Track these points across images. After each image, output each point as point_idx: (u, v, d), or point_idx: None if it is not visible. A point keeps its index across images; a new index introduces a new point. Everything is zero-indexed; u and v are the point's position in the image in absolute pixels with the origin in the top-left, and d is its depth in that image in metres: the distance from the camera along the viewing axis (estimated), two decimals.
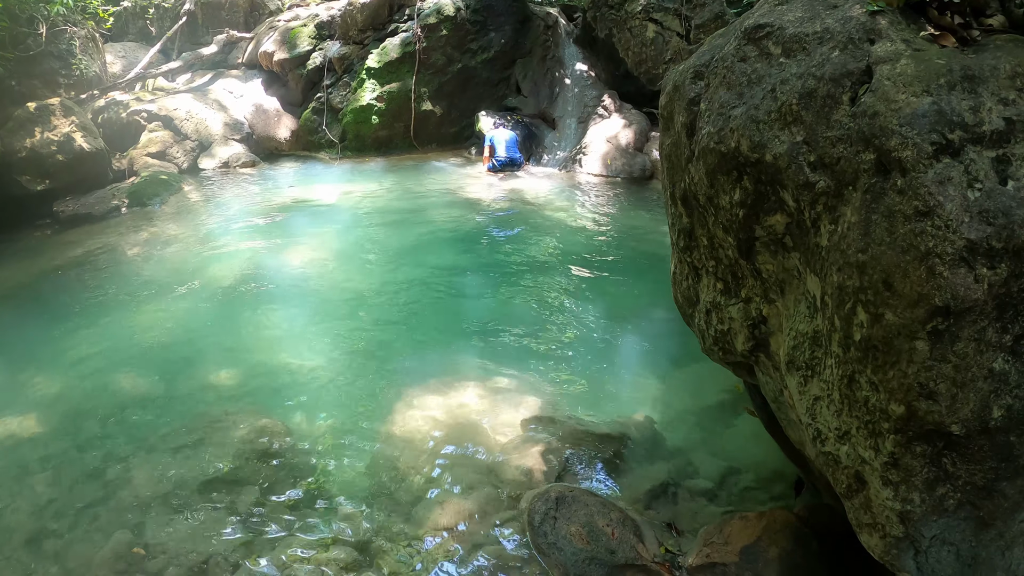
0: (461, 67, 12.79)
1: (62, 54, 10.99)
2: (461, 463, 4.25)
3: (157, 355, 5.72)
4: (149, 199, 9.89)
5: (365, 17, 12.93)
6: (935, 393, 1.97)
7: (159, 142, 11.53)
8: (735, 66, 2.71)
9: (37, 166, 9.62)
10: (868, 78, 2.26)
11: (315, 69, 12.99)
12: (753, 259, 2.77)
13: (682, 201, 3.13)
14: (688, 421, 4.72)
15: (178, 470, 4.26)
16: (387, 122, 12.72)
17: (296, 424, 4.72)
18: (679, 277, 3.45)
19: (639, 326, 6.13)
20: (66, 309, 6.68)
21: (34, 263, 7.95)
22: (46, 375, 5.45)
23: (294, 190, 10.62)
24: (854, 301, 2.12)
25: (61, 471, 4.32)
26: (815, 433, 2.43)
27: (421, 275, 7.27)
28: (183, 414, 4.87)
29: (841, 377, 2.24)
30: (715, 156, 2.71)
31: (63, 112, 10.09)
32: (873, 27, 2.36)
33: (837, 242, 2.21)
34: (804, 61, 2.45)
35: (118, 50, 14.05)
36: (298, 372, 5.38)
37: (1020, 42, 2.19)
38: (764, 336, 2.86)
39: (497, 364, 5.46)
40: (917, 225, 1.97)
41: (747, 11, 9.04)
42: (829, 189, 2.26)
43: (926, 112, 2.05)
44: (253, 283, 7.10)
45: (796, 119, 2.37)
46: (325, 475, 4.23)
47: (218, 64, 14.05)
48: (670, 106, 3.23)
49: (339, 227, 8.81)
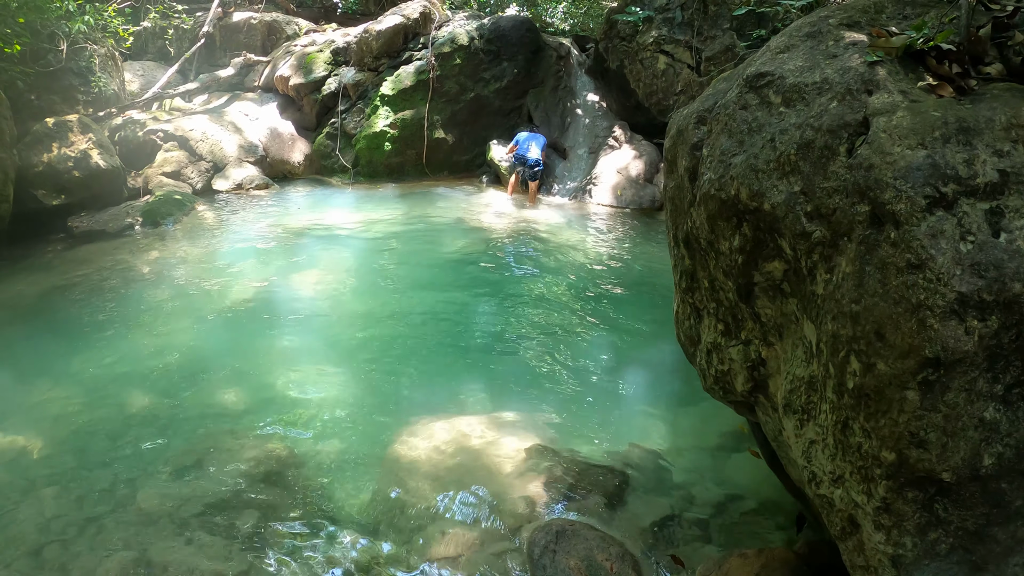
0: (474, 96, 12.91)
1: (81, 71, 11.18)
2: (464, 493, 4.27)
3: (165, 374, 5.75)
4: (163, 218, 9.97)
5: (380, 45, 13.11)
6: (926, 442, 2.00)
7: (174, 162, 11.66)
8: (736, 114, 2.77)
9: (53, 181, 9.75)
10: (865, 129, 2.30)
11: (330, 94, 13.16)
12: (752, 303, 2.81)
13: (684, 243, 3.19)
14: (691, 456, 4.73)
15: (183, 490, 4.28)
16: (400, 149, 12.83)
17: (301, 448, 4.74)
18: (681, 316, 3.51)
19: (645, 360, 6.15)
20: (77, 325, 6.73)
21: (47, 277, 8.01)
22: (55, 390, 5.50)
23: (306, 214, 10.70)
24: (848, 350, 2.17)
25: (68, 486, 4.35)
26: (811, 475, 2.47)
27: (429, 303, 7.30)
28: (189, 434, 4.90)
29: (835, 422, 2.28)
30: (716, 202, 2.77)
31: (81, 129, 10.25)
32: (871, 78, 2.41)
33: (832, 291, 2.26)
34: (803, 111, 2.50)
35: (136, 69, 14.26)
36: (305, 397, 5.41)
37: (1017, 91, 2.22)
38: (763, 378, 2.91)
39: (502, 395, 5.49)
40: (909, 278, 2.01)
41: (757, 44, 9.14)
42: (825, 239, 2.31)
43: (920, 165, 2.09)
44: (263, 306, 7.14)
45: (794, 169, 2.42)
46: (328, 500, 4.24)
47: (234, 86, 14.24)
48: (674, 150, 3.29)
49: (350, 253, 8.87)
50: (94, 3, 11.77)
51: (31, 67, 10.18)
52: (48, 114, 10.41)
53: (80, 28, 10.73)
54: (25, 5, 9.25)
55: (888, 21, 2.76)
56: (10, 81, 9.72)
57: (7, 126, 8.71)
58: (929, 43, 2.43)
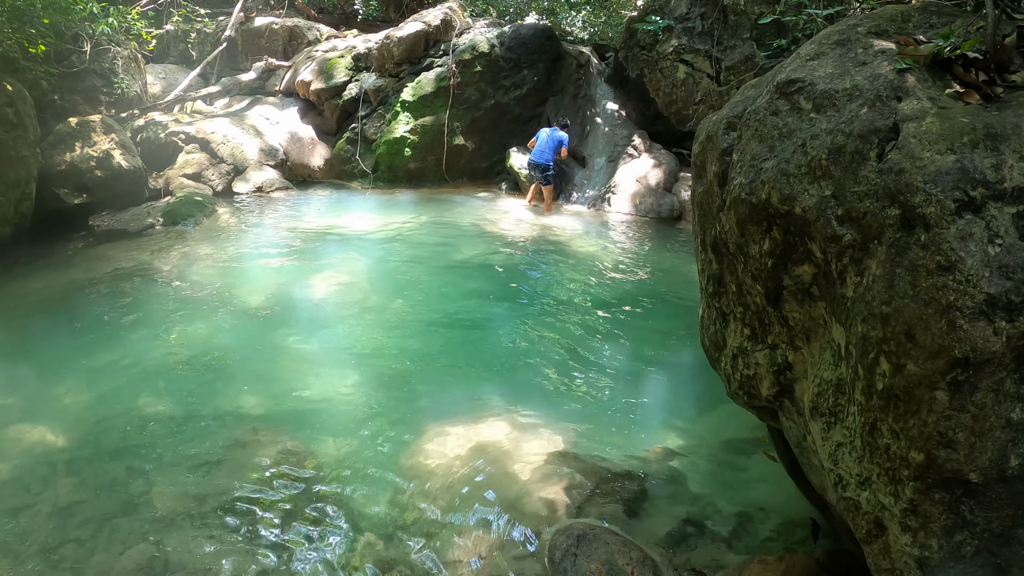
0: (494, 103, 12.95)
1: (104, 72, 11.32)
2: (483, 495, 4.28)
3: (184, 372, 5.80)
4: (183, 219, 10.06)
5: (401, 51, 13.20)
6: (954, 442, 2.02)
7: (195, 164, 11.77)
8: (767, 119, 2.80)
9: (76, 180, 9.86)
10: (895, 135, 2.33)
11: (351, 100, 13.23)
12: (780, 307, 2.84)
13: (712, 248, 3.22)
14: (711, 462, 4.74)
15: (200, 488, 4.31)
16: (419, 155, 12.88)
17: (320, 449, 4.76)
18: (707, 321, 3.53)
19: (664, 366, 6.17)
20: (96, 322, 6.80)
21: (68, 275, 8.09)
22: (74, 385, 5.55)
23: (325, 218, 10.77)
24: (877, 351, 2.19)
25: (86, 479, 4.40)
26: (837, 478, 2.49)
27: (449, 308, 7.34)
28: (207, 432, 4.93)
29: (863, 424, 2.30)
30: (746, 207, 2.79)
31: (103, 129, 10.36)
32: (901, 85, 2.44)
33: (862, 294, 2.28)
34: (834, 117, 2.54)
35: (159, 71, 14.42)
36: (324, 398, 5.44)
37: None
38: (789, 382, 2.93)
39: (521, 398, 5.50)
40: (939, 279, 2.04)
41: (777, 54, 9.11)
42: (855, 242, 2.34)
43: (950, 170, 2.13)
44: (282, 308, 7.18)
45: (825, 174, 2.46)
46: (347, 501, 4.26)
47: (256, 90, 14.35)
48: (703, 155, 3.32)
49: (369, 257, 8.92)
50: (118, 5, 11.93)
51: (55, 67, 10.31)
52: (71, 114, 10.52)
53: (104, 30, 10.86)
54: (50, 6, 9.38)
55: (915, 30, 2.79)
56: (34, 81, 9.84)
57: (31, 125, 8.80)
58: (956, 51, 2.47)
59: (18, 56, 9.53)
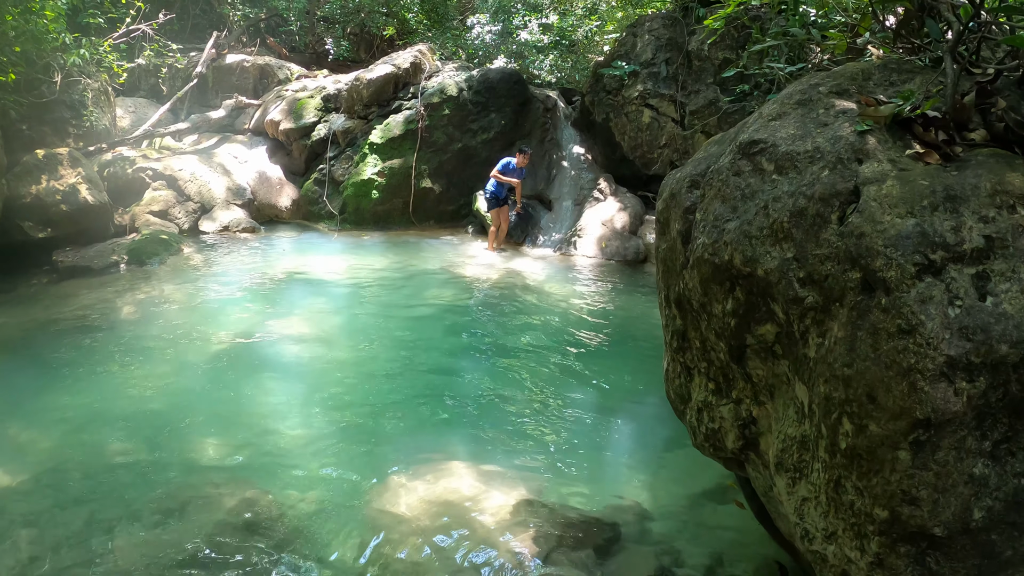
0: (462, 146, 13.05)
1: (74, 104, 11.25)
2: (449, 546, 4.23)
3: (146, 417, 5.68)
4: (148, 258, 9.95)
5: (371, 93, 13.30)
6: (917, 499, 2.06)
7: (162, 201, 11.69)
8: (730, 180, 2.86)
9: (40, 213, 9.74)
10: (856, 198, 2.38)
11: (319, 140, 13.27)
12: (744, 364, 2.88)
13: (676, 304, 3.27)
14: (679, 509, 4.74)
15: (161, 539, 4.19)
16: (387, 197, 12.90)
17: (283, 498, 4.66)
18: (672, 375, 3.56)
19: (631, 412, 6.17)
20: (57, 363, 6.66)
21: (28, 312, 7.94)
22: (33, 429, 5.42)
23: (292, 260, 10.71)
24: (840, 411, 2.24)
25: (44, 530, 4.26)
26: (803, 532, 2.52)
27: (414, 355, 7.27)
28: (169, 480, 4.82)
29: (828, 481, 2.34)
30: (709, 266, 2.85)
31: (70, 162, 10.28)
32: (861, 147, 2.50)
33: (824, 355, 2.33)
34: (796, 179, 2.59)
35: (128, 105, 14.36)
36: (287, 445, 5.35)
37: (1001, 156, 2.32)
38: (754, 436, 2.97)
39: (488, 446, 5.46)
40: (900, 342, 2.09)
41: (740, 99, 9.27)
42: (817, 304, 2.39)
43: (910, 234, 2.18)
44: (246, 352, 7.09)
45: (787, 236, 2.51)
46: (310, 554, 4.17)
47: (225, 128, 14.33)
48: (667, 212, 3.38)
49: (335, 301, 8.86)
50: (90, 37, 11.88)
51: (24, 97, 10.23)
52: (39, 145, 10.45)
53: (75, 61, 10.84)
54: (23, 34, 9.32)
55: (876, 88, 2.86)
56: (3, 109, 9.77)
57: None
58: (916, 111, 2.53)
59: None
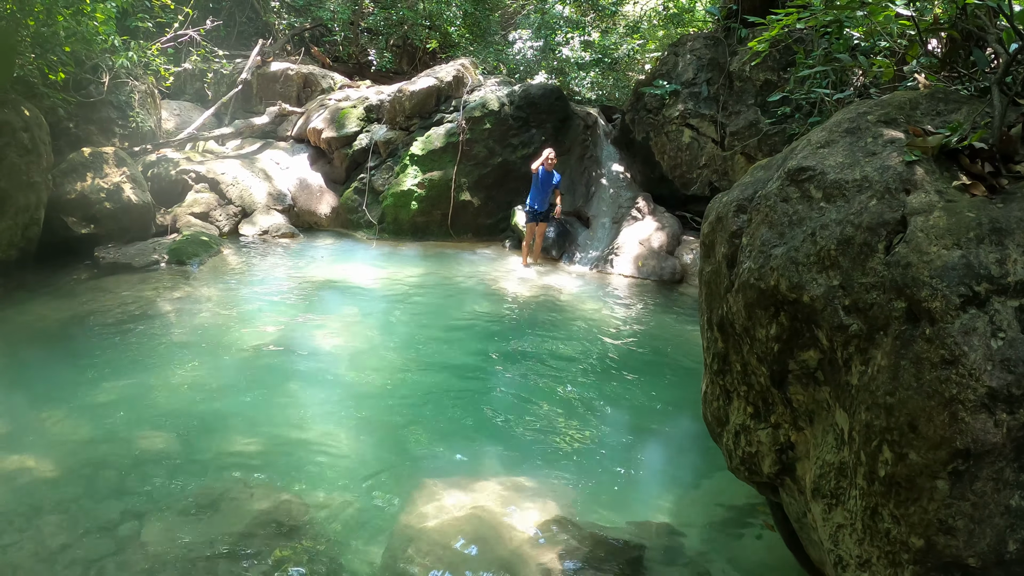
0: (501, 161, 13.13)
1: (121, 105, 11.52)
2: (477, 560, 4.22)
3: (179, 413, 5.74)
4: (188, 258, 10.09)
5: (413, 105, 13.47)
6: (954, 529, 2.08)
7: (203, 203, 11.90)
8: (777, 206, 2.89)
9: (84, 210, 9.95)
10: (903, 228, 2.41)
11: (360, 150, 13.43)
12: (785, 389, 2.90)
13: (719, 327, 3.29)
14: (707, 531, 4.72)
15: (191, 535, 4.22)
16: (426, 208, 12.99)
17: (313, 502, 4.67)
18: (710, 397, 3.58)
19: (663, 433, 6.16)
20: (94, 356, 6.75)
21: (69, 305, 8.06)
22: (68, 419, 5.49)
23: (330, 267, 10.79)
24: (880, 439, 2.26)
25: (74, 517, 4.31)
26: (837, 559, 2.54)
27: (448, 366, 7.31)
28: (201, 477, 4.86)
29: (864, 508, 2.35)
30: (754, 291, 2.87)
31: (116, 162, 10.49)
32: (909, 177, 2.52)
33: (867, 383, 2.36)
34: (843, 208, 2.62)
35: (173, 108, 14.64)
36: (320, 450, 5.37)
37: None
38: (791, 461, 2.98)
39: (519, 462, 5.45)
40: (943, 372, 2.11)
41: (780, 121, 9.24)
42: (862, 332, 2.41)
43: (955, 265, 2.21)
44: (280, 356, 7.13)
45: (834, 264, 2.54)
46: (338, 560, 4.17)
47: (267, 134, 14.53)
48: (712, 235, 3.42)
49: (371, 309, 8.91)
50: (139, 40, 12.17)
51: (73, 96, 10.50)
52: (85, 144, 10.68)
53: (123, 63, 11.10)
54: (73, 35, 9.53)
55: (923, 117, 2.88)
56: (51, 108, 9.99)
57: (45, 151, 8.88)
58: (963, 142, 2.55)
59: (37, 82, 9.70)
